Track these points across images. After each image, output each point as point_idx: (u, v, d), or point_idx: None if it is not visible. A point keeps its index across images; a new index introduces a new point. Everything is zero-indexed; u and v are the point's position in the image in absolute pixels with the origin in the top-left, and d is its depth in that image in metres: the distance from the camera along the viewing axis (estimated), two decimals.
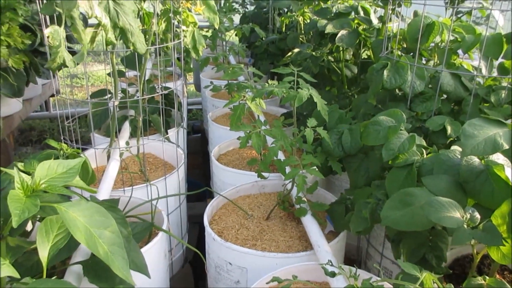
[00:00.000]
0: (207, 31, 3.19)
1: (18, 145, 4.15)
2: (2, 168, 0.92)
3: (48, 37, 1.04)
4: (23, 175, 0.82)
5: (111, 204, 1.15)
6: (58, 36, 1.04)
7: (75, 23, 1.07)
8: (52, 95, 3.05)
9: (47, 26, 1.47)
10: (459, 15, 1.88)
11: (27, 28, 2.10)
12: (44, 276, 0.86)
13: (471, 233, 0.90)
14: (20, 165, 1.13)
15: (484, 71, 1.57)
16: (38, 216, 1.04)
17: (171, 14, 1.69)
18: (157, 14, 1.64)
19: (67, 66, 1.13)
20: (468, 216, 0.94)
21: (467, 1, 1.91)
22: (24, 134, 4.35)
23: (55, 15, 1.15)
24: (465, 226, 0.92)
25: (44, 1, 1.41)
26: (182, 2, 1.63)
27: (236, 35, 3.21)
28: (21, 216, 0.72)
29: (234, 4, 3.62)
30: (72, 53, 1.23)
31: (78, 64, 1.30)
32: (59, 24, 1.11)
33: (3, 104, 2.10)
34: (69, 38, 1.89)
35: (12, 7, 1.92)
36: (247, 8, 3.77)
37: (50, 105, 4.14)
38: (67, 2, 1.04)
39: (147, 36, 1.68)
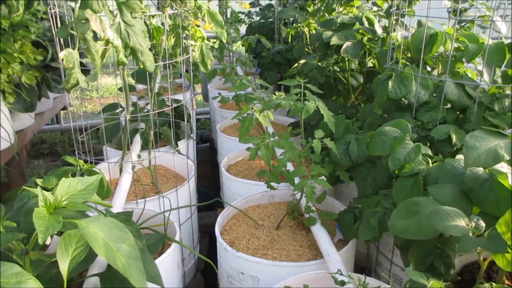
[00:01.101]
0: (214, 42, 3.24)
1: (30, 158, 4.21)
2: (23, 187, 0.97)
3: (62, 59, 1.09)
4: (46, 193, 0.86)
5: (126, 218, 1.19)
6: (72, 59, 1.09)
7: (88, 45, 1.12)
8: (63, 108, 3.11)
9: (60, 44, 1.52)
10: (462, 24, 1.91)
11: (39, 44, 2.16)
12: None
13: (476, 241, 0.93)
14: (39, 181, 1.17)
15: (487, 78, 1.59)
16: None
17: (179, 30, 1.74)
18: (166, 30, 1.69)
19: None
20: (473, 224, 0.97)
21: (470, 10, 1.94)
22: (35, 147, 4.41)
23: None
24: (471, 234, 0.95)
25: (56, 17, 1.46)
26: (191, 20, 1.68)
27: (242, 45, 3.26)
28: (46, 233, 0.76)
29: (240, 15, 3.68)
30: (83, 71, 1.28)
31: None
32: (73, 45, 1.15)
33: (16, 119, 2.16)
34: (80, 53, 1.94)
35: (25, 25, 1.98)
36: (253, 19, 3.82)
37: (61, 118, 4.21)
38: (80, 25, 1.08)
39: (156, 50, 1.73)
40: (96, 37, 1.19)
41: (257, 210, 1.78)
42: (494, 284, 1.01)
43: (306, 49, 2.65)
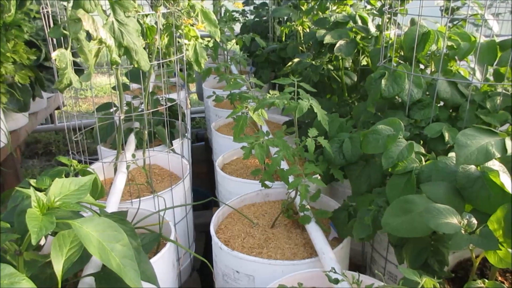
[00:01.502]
0: (208, 41, 3.24)
1: (24, 158, 4.20)
2: (16, 188, 0.97)
3: (55, 59, 1.09)
4: (39, 193, 0.86)
5: (120, 217, 1.19)
6: (64, 59, 1.09)
7: (81, 45, 1.11)
8: (57, 108, 3.10)
9: (53, 44, 1.52)
10: (455, 22, 1.91)
11: (32, 44, 2.15)
12: None
13: (468, 238, 0.94)
14: (32, 181, 1.17)
15: (479, 76, 1.60)
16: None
17: (173, 29, 1.74)
18: (160, 29, 1.69)
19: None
20: (466, 221, 0.97)
21: (462, 9, 1.95)
22: (30, 147, 4.40)
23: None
24: (463, 231, 0.95)
25: (48, 17, 1.46)
26: (184, 20, 1.68)
27: (237, 44, 3.26)
28: (39, 233, 0.76)
29: (234, 13, 3.67)
30: (77, 70, 1.28)
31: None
32: (66, 44, 1.15)
33: (10, 119, 2.15)
34: (73, 53, 1.95)
35: (18, 24, 1.97)
36: (247, 17, 3.81)
37: (55, 117, 4.20)
38: (73, 25, 1.08)
39: (150, 49, 1.73)
40: (89, 37, 1.19)
41: (252, 209, 1.79)
42: (486, 280, 1.02)
43: (300, 48, 2.65)
